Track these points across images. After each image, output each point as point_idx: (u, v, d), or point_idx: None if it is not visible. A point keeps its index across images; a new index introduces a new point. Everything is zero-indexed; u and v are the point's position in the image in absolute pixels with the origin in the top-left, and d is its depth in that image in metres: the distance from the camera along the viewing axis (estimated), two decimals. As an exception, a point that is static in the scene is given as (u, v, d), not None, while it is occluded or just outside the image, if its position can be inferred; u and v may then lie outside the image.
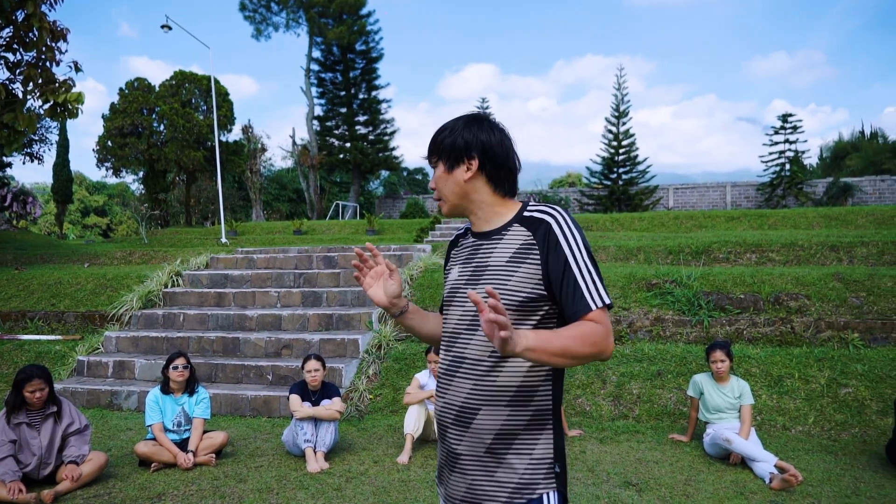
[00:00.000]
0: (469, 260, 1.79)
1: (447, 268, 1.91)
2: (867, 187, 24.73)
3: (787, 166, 25.80)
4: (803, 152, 26.26)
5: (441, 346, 1.81)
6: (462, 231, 1.93)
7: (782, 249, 9.35)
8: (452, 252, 1.93)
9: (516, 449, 1.66)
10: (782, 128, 26.32)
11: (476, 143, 1.74)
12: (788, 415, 5.83)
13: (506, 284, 1.65)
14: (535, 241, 1.66)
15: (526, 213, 1.73)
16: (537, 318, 1.66)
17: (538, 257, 1.64)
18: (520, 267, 1.65)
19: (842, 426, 5.64)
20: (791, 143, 26.15)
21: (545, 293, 1.64)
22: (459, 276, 1.78)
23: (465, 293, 1.74)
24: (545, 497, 1.65)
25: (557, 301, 1.63)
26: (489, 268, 1.70)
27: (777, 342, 6.85)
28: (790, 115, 26.37)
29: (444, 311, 1.84)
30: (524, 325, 1.64)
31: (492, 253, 1.72)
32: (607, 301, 1.60)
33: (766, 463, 4.55)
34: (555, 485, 1.67)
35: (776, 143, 26.43)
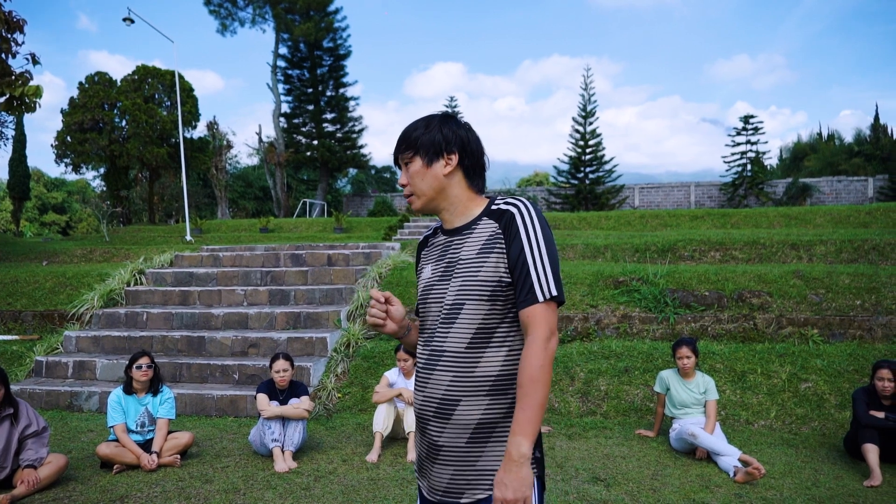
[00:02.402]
0: (441, 257, 1.82)
1: (419, 268, 1.95)
2: (825, 188, 25.41)
3: (749, 167, 26.36)
4: (764, 153, 26.85)
5: (419, 343, 1.85)
6: (431, 231, 1.97)
7: (745, 248, 9.55)
8: (423, 252, 1.96)
9: (496, 438, 1.70)
10: (744, 129, 26.87)
11: (455, 138, 1.79)
12: (751, 409, 5.96)
13: (476, 276, 1.70)
14: (500, 232, 1.71)
15: (493, 207, 1.77)
16: (510, 302, 1.69)
17: (503, 246, 1.70)
18: (488, 257, 1.70)
19: (802, 420, 5.78)
20: (752, 144, 26.72)
21: (510, 280, 1.69)
22: (432, 273, 1.82)
23: (439, 290, 1.78)
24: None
25: (513, 287, 1.68)
26: (460, 261, 1.75)
27: (740, 338, 6.99)
28: (752, 116, 26.94)
29: (420, 310, 1.87)
30: (496, 314, 1.69)
31: (462, 247, 1.76)
32: (555, 293, 1.63)
33: (730, 457, 4.64)
34: (535, 471, 1.70)
35: (738, 144, 26.98)
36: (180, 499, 4.19)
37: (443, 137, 1.78)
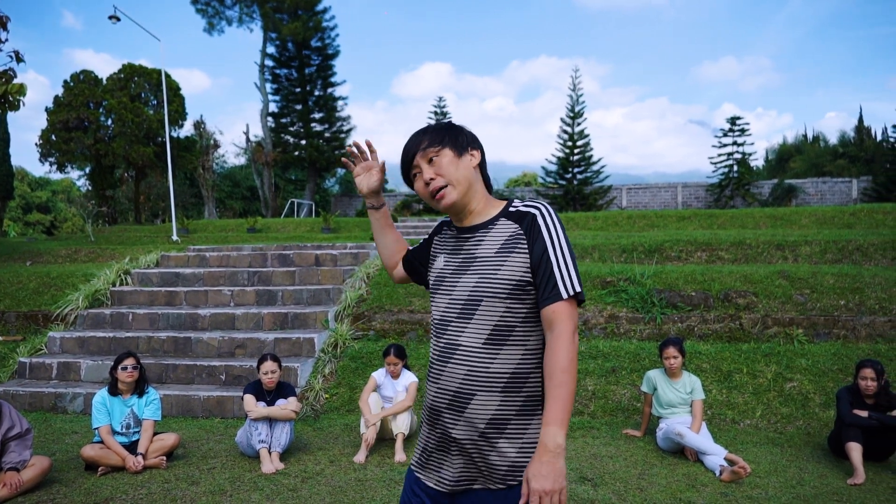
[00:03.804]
0: (455, 252, 1.87)
1: (432, 254, 1.99)
2: (810, 189, 25.65)
3: (735, 168, 26.56)
4: (750, 155, 27.09)
5: (432, 332, 1.88)
6: (440, 223, 2.02)
7: (731, 248, 9.62)
8: (436, 238, 2.00)
9: (508, 434, 1.72)
10: (731, 130, 27.09)
11: (475, 140, 1.91)
12: (737, 409, 6.00)
13: (496, 274, 1.74)
14: (522, 232, 1.76)
15: (512, 209, 1.83)
16: (527, 307, 1.74)
17: (525, 246, 1.74)
18: (509, 256, 1.74)
19: (787, 419, 5.83)
20: (739, 145, 26.94)
21: (532, 279, 1.74)
22: (446, 265, 1.87)
23: (451, 283, 1.82)
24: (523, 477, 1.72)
25: (535, 286, 1.73)
26: (477, 259, 1.79)
27: (726, 338, 7.04)
28: (738, 118, 27.18)
29: (432, 298, 1.90)
30: (516, 314, 1.73)
31: (479, 245, 1.80)
32: (578, 289, 1.70)
33: (716, 456, 4.67)
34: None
35: (725, 146, 27.19)
36: (166, 501, 4.15)
37: (465, 135, 1.88)
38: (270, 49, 31.88)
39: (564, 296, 1.68)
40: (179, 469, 4.77)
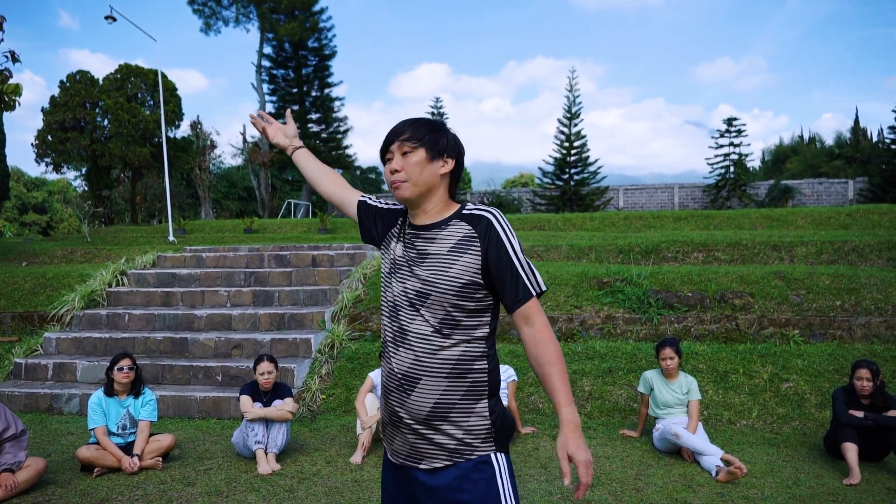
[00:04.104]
0: (410, 246, 1.93)
1: (391, 236, 2.03)
2: (806, 189, 25.70)
3: (732, 169, 26.61)
4: (747, 155, 27.13)
5: (383, 314, 1.97)
6: (405, 212, 2.05)
7: (727, 249, 9.63)
8: (398, 222, 2.04)
9: (452, 418, 1.83)
10: (727, 131, 27.14)
11: (455, 146, 1.97)
12: (733, 409, 6.01)
13: (447, 271, 1.82)
14: (476, 235, 1.84)
15: (465, 211, 1.91)
16: (473, 303, 1.84)
17: (479, 249, 1.83)
18: (462, 256, 1.83)
19: (783, 419, 5.84)
20: (735, 146, 26.99)
21: (482, 281, 1.83)
22: (402, 255, 1.94)
23: (405, 273, 1.89)
24: (493, 457, 1.84)
25: (497, 289, 1.85)
26: (430, 255, 1.86)
27: (723, 339, 7.05)
28: (735, 119, 27.23)
29: (385, 279, 1.99)
30: (462, 310, 1.83)
31: (432, 243, 1.88)
32: (544, 288, 1.89)
33: (712, 456, 4.68)
34: (494, 447, 1.85)
35: (721, 147, 27.23)
36: (162, 502, 4.15)
37: (447, 141, 1.94)
38: (267, 49, 31.90)
39: (534, 294, 1.84)
40: (175, 470, 4.76)
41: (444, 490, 1.82)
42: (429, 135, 1.90)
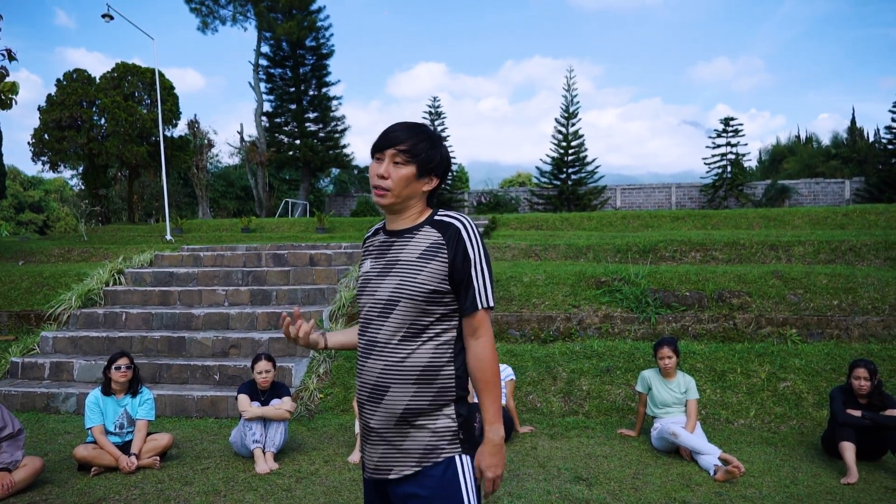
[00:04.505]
0: (382, 255, 1.99)
1: (362, 261, 2.10)
2: (803, 189, 25.74)
3: (729, 169, 26.61)
4: (744, 155, 27.12)
5: (360, 332, 2.01)
6: (373, 229, 2.13)
7: (725, 248, 9.64)
8: (364, 246, 2.12)
9: (420, 423, 1.89)
10: (724, 131, 27.13)
11: (442, 164, 1.99)
12: (731, 408, 6.02)
13: (415, 278, 1.88)
14: (444, 242, 1.89)
15: (437, 217, 1.96)
16: (441, 310, 1.90)
17: (446, 256, 1.88)
18: (429, 263, 1.88)
19: (781, 419, 5.85)
20: (733, 146, 26.98)
21: (448, 288, 1.89)
22: (372, 268, 1.99)
23: (375, 285, 1.95)
24: (457, 458, 1.89)
25: (456, 296, 1.90)
26: (400, 262, 1.92)
27: (720, 338, 7.06)
28: (732, 119, 27.21)
29: (358, 300, 2.05)
30: (430, 314, 1.89)
31: (403, 249, 1.93)
32: (492, 304, 1.92)
33: (710, 455, 4.69)
34: (459, 449, 1.91)
35: (718, 147, 27.22)
36: (159, 501, 4.14)
37: (440, 159, 1.97)
38: (265, 48, 31.79)
39: (479, 307, 1.89)
40: (173, 469, 4.75)
41: (411, 496, 1.89)
42: (424, 153, 1.92)
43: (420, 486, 1.88)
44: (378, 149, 1.95)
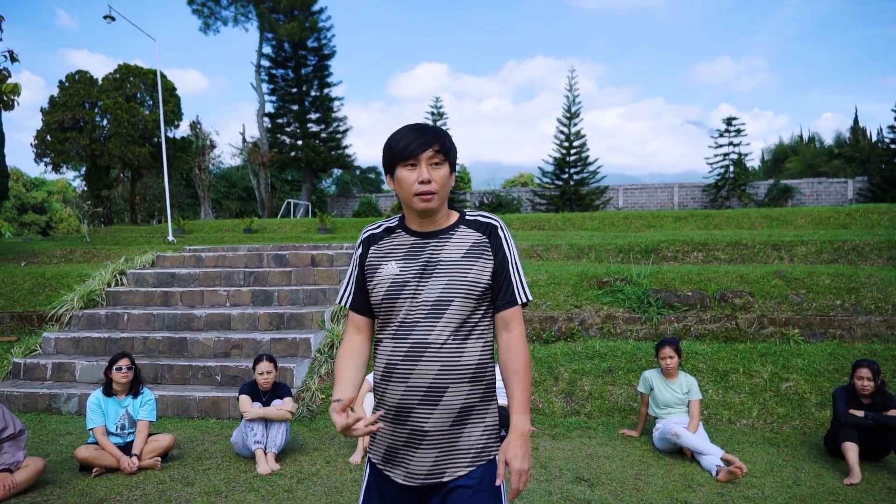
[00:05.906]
0: (414, 256, 1.94)
1: (372, 265, 2.00)
2: (805, 189, 25.69)
3: (732, 168, 26.58)
4: (746, 155, 27.08)
5: (393, 336, 1.93)
6: (380, 229, 2.05)
7: (727, 248, 9.62)
8: (373, 248, 2.02)
9: (474, 420, 1.93)
10: (727, 131, 27.10)
11: (456, 156, 2.03)
12: (733, 409, 6.00)
13: (466, 277, 1.91)
14: (488, 241, 1.96)
15: (469, 218, 2.01)
16: (485, 307, 1.96)
17: (491, 255, 1.95)
18: (477, 261, 1.93)
19: (783, 419, 5.84)
20: (735, 146, 26.95)
21: (492, 285, 1.96)
22: (403, 270, 1.93)
23: (415, 286, 1.91)
24: (496, 458, 1.92)
25: (492, 290, 1.96)
26: (442, 262, 1.92)
27: (723, 338, 7.05)
28: (734, 118, 27.18)
29: (386, 304, 1.94)
30: (477, 313, 1.93)
31: (442, 250, 1.94)
32: (530, 298, 2.01)
33: (712, 456, 4.67)
34: (497, 447, 1.96)
35: (721, 146, 27.19)
36: (161, 502, 4.14)
37: (455, 158, 2.02)
38: (266, 49, 31.81)
39: (519, 302, 1.96)
40: (174, 470, 4.75)
41: (456, 487, 1.90)
42: (451, 151, 1.96)
43: (468, 477, 1.90)
44: (411, 155, 1.88)
